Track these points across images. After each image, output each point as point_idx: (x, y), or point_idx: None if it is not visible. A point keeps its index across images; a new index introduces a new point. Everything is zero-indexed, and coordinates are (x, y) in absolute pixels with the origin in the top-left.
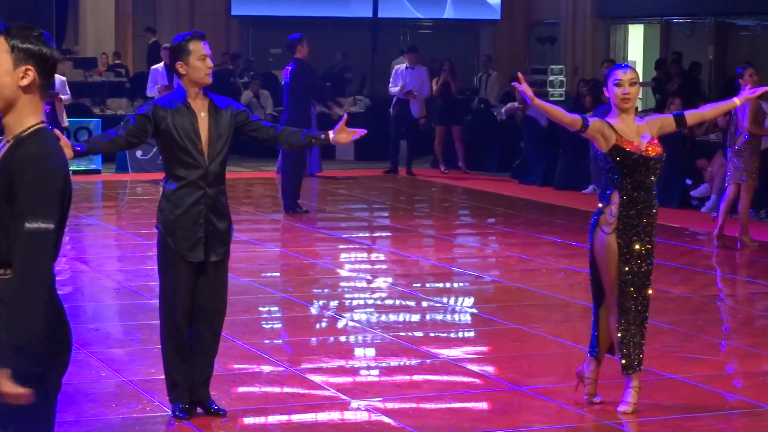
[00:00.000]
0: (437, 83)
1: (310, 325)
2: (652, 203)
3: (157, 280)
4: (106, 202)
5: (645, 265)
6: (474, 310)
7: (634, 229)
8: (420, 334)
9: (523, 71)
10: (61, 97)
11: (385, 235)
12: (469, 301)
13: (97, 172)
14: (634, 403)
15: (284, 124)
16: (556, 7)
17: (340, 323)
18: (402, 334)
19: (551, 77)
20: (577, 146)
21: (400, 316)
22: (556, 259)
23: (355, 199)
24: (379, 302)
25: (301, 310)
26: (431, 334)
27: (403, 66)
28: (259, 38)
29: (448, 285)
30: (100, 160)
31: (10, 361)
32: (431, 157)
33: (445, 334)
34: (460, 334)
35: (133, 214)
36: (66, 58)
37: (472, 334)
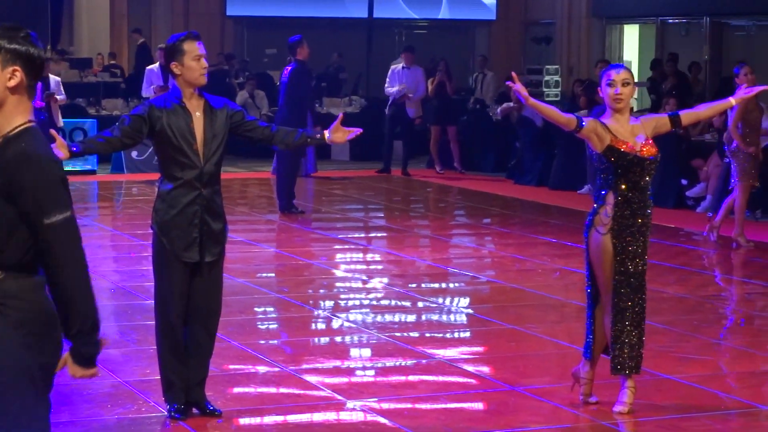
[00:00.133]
0: (433, 83)
1: (306, 326)
2: (647, 203)
3: (153, 281)
4: (102, 203)
5: (640, 266)
6: (469, 311)
7: (629, 230)
8: (416, 334)
9: (519, 71)
10: (57, 97)
11: (380, 235)
12: (465, 302)
13: (93, 172)
14: (629, 403)
15: (279, 124)
16: (552, 7)
17: (336, 323)
18: (398, 334)
19: (547, 77)
20: (573, 146)
21: (395, 317)
22: (551, 260)
23: (351, 199)
24: (375, 303)
25: (297, 311)
26: (427, 335)
27: (400, 66)
28: (255, 39)
29: (444, 285)
30: (96, 160)
31: (78, 349)
32: (427, 157)
33: (440, 335)
34: (456, 335)
35: (128, 215)
36: (62, 59)
37: (467, 335)
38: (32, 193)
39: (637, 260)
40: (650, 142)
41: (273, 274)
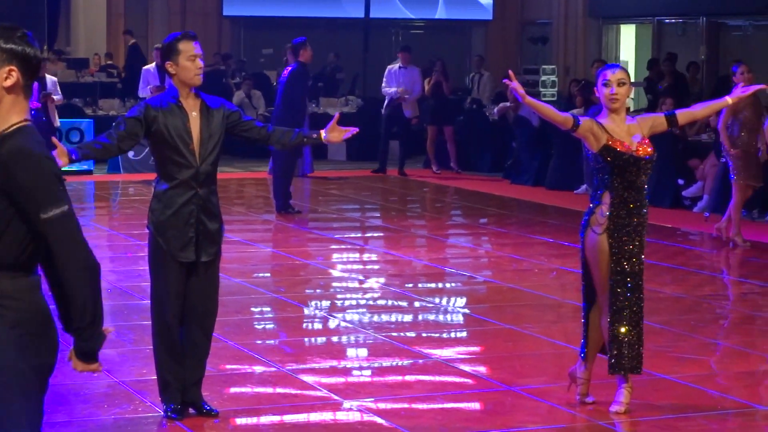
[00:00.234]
0: (429, 83)
1: (303, 326)
2: (643, 203)
3: (149, 281)
4: (98, 203)
5: (636, 265)
6: (466, 311)
7: (625, 229)
8: (412, 334)
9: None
10: (54, 97)
11: (377, 235)
12: (462, 302)
13: (89, 172)
14: (626, 403)
15: (275, 122)
16: (548, 7)
17: (333, 323)
18: (394, 334)
19: (543, 77)
20: (570, 146)
21: (392, 317)
22: (548, 259)
23: (347, 199)
24: (372, 302)
25: (294, 311)
26: (423, 335)
27: (396, 66)
28: (251, 39)
29: (441, 285)
30: (92, 161)
31: (80, 344)
32: (423, 157)
33: (437, 335)
34: (453, 335)
35: (125, 215)
36: (59, 59)
37: (464, 335)
38: (27, 189)
39: (634, 260)
40: (646, 141)
41: (269, 274)
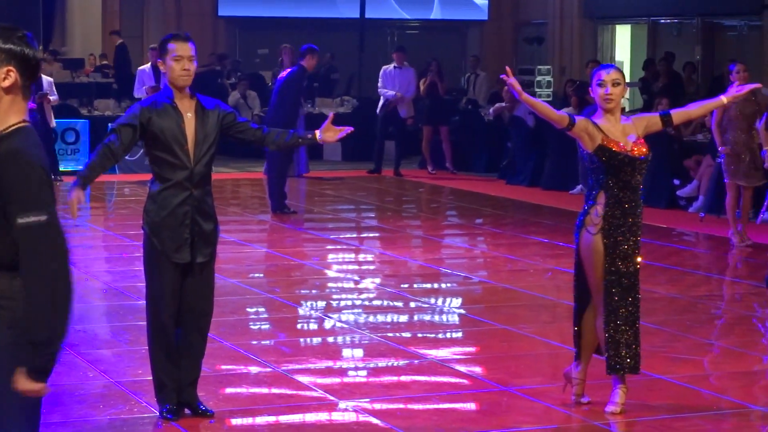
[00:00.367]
0: (424, 84)
1: (298, 326)
2: (638, 203)
3: (144, 282)
4: (94, 203)
5: (631, 266)
6: (461, 311)
7: (620, 229)
8: (408, 334)
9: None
10: (50, 98)
11: (372, 235)
12: (457, 302)
13: None
14: (621, 403)
15: (269, 123)
16: (543, 7)
17: (328, 324)
18: (390, 334)
19: (539, 77)
20: (565, 146)
21: (387, 317)
22: (543, 260)
23: (343, 199)
24: (367, 303)
25: (289, 311)
26: (419, 335)
27: (391, 66)
28: (247, 39)
29: (436, 286)
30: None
31: (28, 359)
32: (419, 157)
33: (432, 335)
34: (448, 335)
35: (120, 216)
36: (55, 59)
37: (459, 335)
38: (11, 190)
39: (628, 260)
40: (641, 141)
41: (265, 275)
